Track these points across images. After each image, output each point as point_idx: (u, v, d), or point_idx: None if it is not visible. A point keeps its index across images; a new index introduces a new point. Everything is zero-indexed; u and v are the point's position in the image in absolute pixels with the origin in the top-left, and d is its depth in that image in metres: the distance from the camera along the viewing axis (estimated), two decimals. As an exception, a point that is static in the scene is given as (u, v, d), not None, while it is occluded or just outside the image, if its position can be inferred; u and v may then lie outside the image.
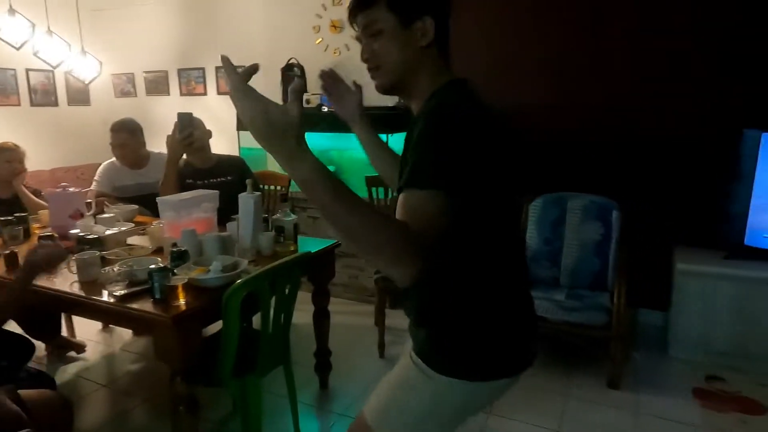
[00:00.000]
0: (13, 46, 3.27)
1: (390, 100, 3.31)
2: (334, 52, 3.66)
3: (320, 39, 3.69)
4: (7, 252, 1.91)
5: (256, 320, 2.10)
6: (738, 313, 2.51)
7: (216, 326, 1.74)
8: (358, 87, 1.32)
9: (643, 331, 2.94)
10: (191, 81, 4.44)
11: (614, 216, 2.72)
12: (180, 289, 1.55)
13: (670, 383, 2.43)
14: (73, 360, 2.70)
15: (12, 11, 3.15)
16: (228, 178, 2.62)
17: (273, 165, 3.75)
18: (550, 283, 2.80)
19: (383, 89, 1.07)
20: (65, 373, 2.57)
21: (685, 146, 2.83)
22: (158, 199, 2.08)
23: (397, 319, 2.77)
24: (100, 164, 3.04)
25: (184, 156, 2.54)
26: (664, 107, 2.85)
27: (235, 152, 3.81)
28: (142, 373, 2.62)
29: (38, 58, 3.56)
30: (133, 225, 2.40)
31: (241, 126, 3.62)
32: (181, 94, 4.52)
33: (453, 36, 1.06)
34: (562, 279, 2.80)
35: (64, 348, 2.74)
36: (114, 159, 3.01)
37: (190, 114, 2.43)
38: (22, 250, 1.94)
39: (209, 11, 4.19)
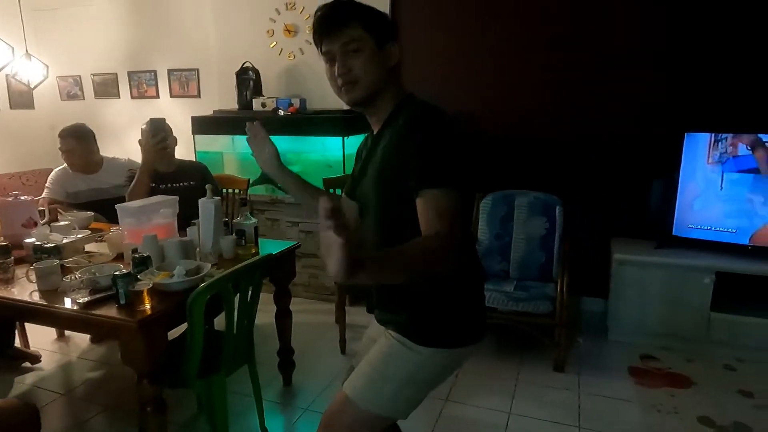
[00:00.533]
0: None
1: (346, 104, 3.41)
2: (289, 56, 3.71)
3: (274, 43, 3.73)
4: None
5: (218, 321, 2.17)
6: (668, 298, 2.76)
7: (179, 329, 1.78)
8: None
9: (586, 317, 3.17)
10: (142, 83, 4.37)
11: (558, 211, 2.92)
12: (145, 294, 1.59)
13: (609, 364, 2.65)
14: (30, 370, 2.65)
15: (-50, 14, 3.03)
16: (191, 183, 2.65)
17: (230, 168, 3.77)
18: (501, 276, 2.97)
19: (355, 102, 1.19)
20: (22, 384, 2.53)
21: (618, 147, 3.07)
22: (118, 206, 2.09)
23: (357, 316, 2.89)
24: (46, 170, 3.00)
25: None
26: (599, 112, 3.07)
27: (191, 156, 3.80)
28: (101, 380, 2.61)
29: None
30: (89, 232, 2.40)
31: (196, 130, 3.63)
32: (132, 97, 4.45)
33: (409, 52, 1.20)
34: (512, 272, 2.98)
35: (19, 359, 2.69)
36: (61, 168, 2.97)
37: (163, 119, 2.49)
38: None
39: (160, 13, 4.14)
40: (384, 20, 1.17)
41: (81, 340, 2.98)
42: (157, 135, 2.44)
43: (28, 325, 2.80)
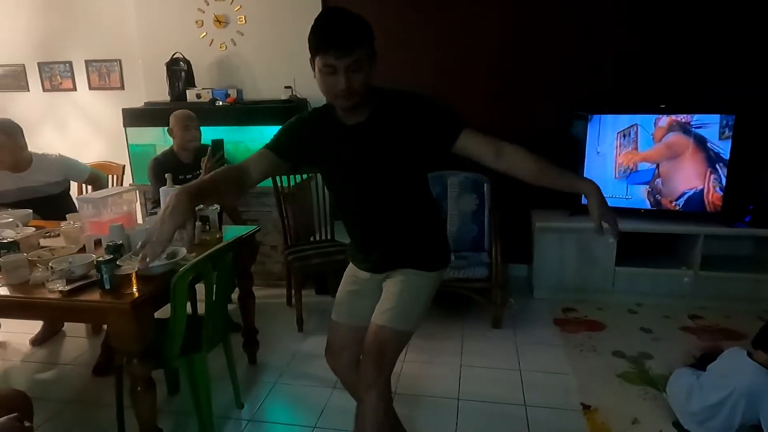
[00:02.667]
0: None
1: (284, 94, 3.52)
2: (220, 47, 3.72)
3: (204, 33, 3.71)
4: None
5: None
6: (581, 257, 3.21)
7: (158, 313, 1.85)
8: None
9: (513, 281, 3.56)
10: (56, 75, 4.13)
11: (486, 188, 3.26)
12: (133, 278, 1.66)
13: (537, 318, 3.05)
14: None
15: None
16: (198, 172, 2.77)
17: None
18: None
19: (354, 107, 1.35)
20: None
21: (534, 129, 3.47)
22: (78, 198, 2.09)
23: (307, 298, 3.05)
24: None
25: (174, 148, 2.93)
26: (520, 101, 3.46)
27: (122, 149, 3.71)
28: (53, 380, 2.55)
29: None
30: (33, 229, 2.33)
31: (128, 122, 3.54)
32: (45, 90, 4.19)
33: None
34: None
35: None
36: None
37: (222, 140, 2.74)
38: None
39: (73, 0, 3.93)
40: (373, 35, 1.33)
41: (21, 345, 2.86)
42: (216, 154, 2.67)
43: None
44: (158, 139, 3.77)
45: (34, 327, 2.92)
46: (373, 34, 1.32)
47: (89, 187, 3.18)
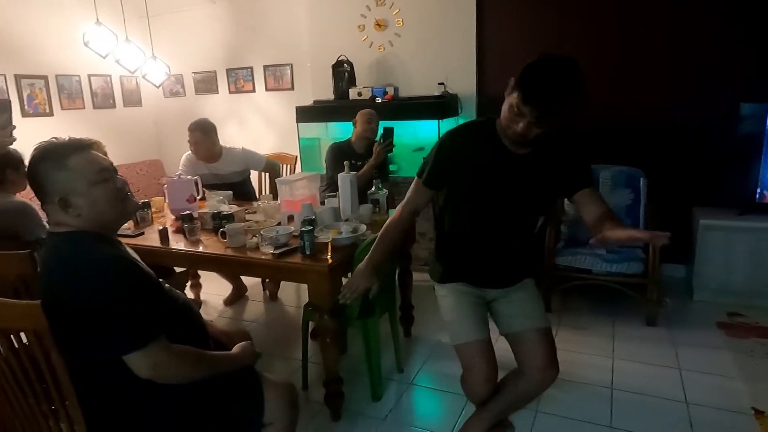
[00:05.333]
0: (100, 55, 3.63)
1: (437, 90, 3.73)
2: (379, 48, 4.05)
3: (365, 36, 4.07)
4: (161, 228, 2.33)
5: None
6: (752, 260, 2.96)
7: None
8: None
9: (667, 281, 3.38)
10: (240, 79, 4.82)
11: (642, 183, 3.16)
12: (329, 246, 1.97)
13: (697, 320, 2.89)
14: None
15: (98, 23, 3.52)
16: (368, 160, 3.17)
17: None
18: (588, 244, 3.23)
19: (524, 145, 1.49)
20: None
21: (696, 122, 3.26)
22: (277, 180, 2.49)
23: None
24: (153, 161, 3.39)
25: (353, 138, 3.30)
26: (679, 94, 3.28)
27: (291, 142, 4.22)
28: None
29: (120, 65, 3.93)
30: (236, 206, 2.81)
31: (299, 118, 4.02)
32: (230, 92, 4.90)
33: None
34: (599, 239, 3.23)
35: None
36: (190, 152, 3.38)
37: (392, 128, 3.11)
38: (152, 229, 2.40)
39: (257, 14, 4.56)
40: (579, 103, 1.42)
41: (215, 304, 3.44)
42: (386, 140, 3.11)
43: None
44: (323, 134, 4.23)
45: (225, 290, 3.49)
46: (581, 100, 1.36)
47: (266, 175, 3.70)
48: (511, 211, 1.58)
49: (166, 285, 1.45)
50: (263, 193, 3.67)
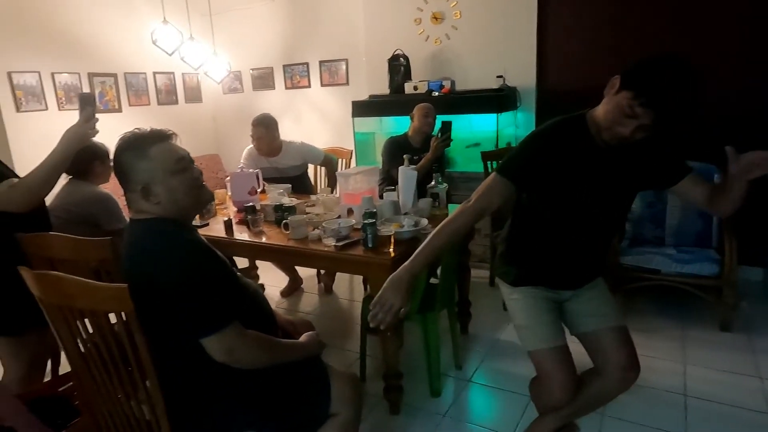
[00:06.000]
0: (166, 53, 3.78)
1: (495, 83, 3.65)
2: (435, 41, 4.01)
3: (422, 30, 4.04)
4: (226, 219, 2.40)
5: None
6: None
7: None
8: None
9: (743, 285, 3.17)
10: (296, 75, 4.89)
11: (716, 179, 2.97)
12: (392, 239, 1.96)
13: (779, 326, 2.70)
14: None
15: (165, 21, 3.65)
16: (424, 154, 3.15)
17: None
18: (654, 242, 3.08)
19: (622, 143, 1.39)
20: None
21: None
22: (338, 173, 2.51)
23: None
24: (212, 155, 3.47)
25: (409, 132, 3.28)
26: (753, 86, 3.06)
27: (345, 137, 4.25)
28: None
29: (185, 62, 4.08)
30: (295, 199, 2.85)
31: (355, 113, 4.04)
32: (286, 88, 4.99)
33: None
34: (667, 238, 3.07)
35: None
36: (251, 146, 3.46)
37: (450, 122, 3.08)
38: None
39: (313, 10, 4.61)
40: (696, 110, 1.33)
41: (272, 295, 3.51)
42: (444, 134, 3.06)
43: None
44: (377, 128, 4.23)
45: (281, 281, 3.55)
46: (697, 108, 1.27)
47: (322, 169, 3.74)
48: (601, 210, 1.51)
49: (238, 273, 1.49)
50: (320, 186, 3.71)
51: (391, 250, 1.97)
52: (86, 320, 1.27)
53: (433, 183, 2.54)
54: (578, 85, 3.58)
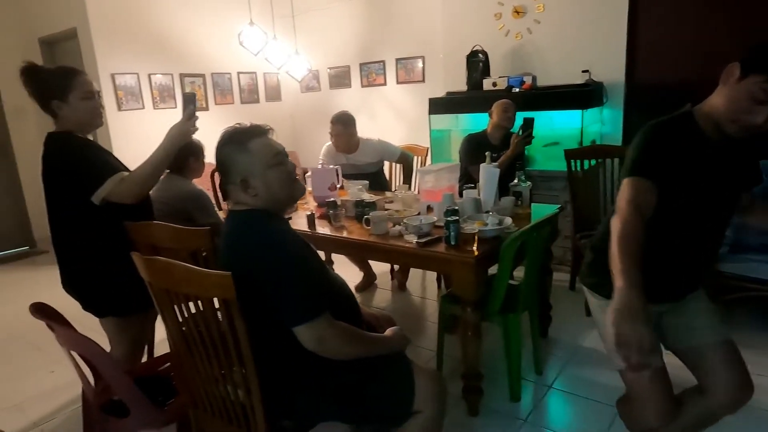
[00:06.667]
0: (252, 53, 3.95)
1: (580, 78, 3.50)
2: (516, 36, 3.90)
3: (502, 25, 3.94)
4: (308, 213, 2.47)
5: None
6: None
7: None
8: None
9: None
10: (371, 73, 4.95)
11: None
12: (475, 238, 1.93)
13: None
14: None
15: (252, 23, 3.81)
16: (504, 152, 3.09)
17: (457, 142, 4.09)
18: (759, 250, 2.82)
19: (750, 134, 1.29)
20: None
21: None
22: (418, 170, 2.50)
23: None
24: (289, 152, 3.53)
25: (488, 129, 3.20)
26: None
27: (420, 134, 4.24)
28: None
29: (268, 62, 4.25)
30: (370, 195, 2.87)
31: (432, 110, 4.02)
32: (362, 86, 5.06)
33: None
34: (775, 246, 2.80)
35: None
36: (330, 143, 3.52)
37: (533, 119, 3.01)
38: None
39: (392, 6, 4.63)
40: None
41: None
42: (525, 131, 2.98)
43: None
44: (453, 126, 4.18)
45: (355, 277, 3.60)
46: None
47: (398, 166, 3.75)
48: (714, 209, 1.40)
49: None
50: (395, 183, 3.72)
51: (474, 248, 1.93)
52: (189, 304, 1.34)
53: (516, 181, 2.47)
54: (672, 80, 3.36)
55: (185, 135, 1.79)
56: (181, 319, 1.36)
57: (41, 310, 1.43)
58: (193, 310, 1.32)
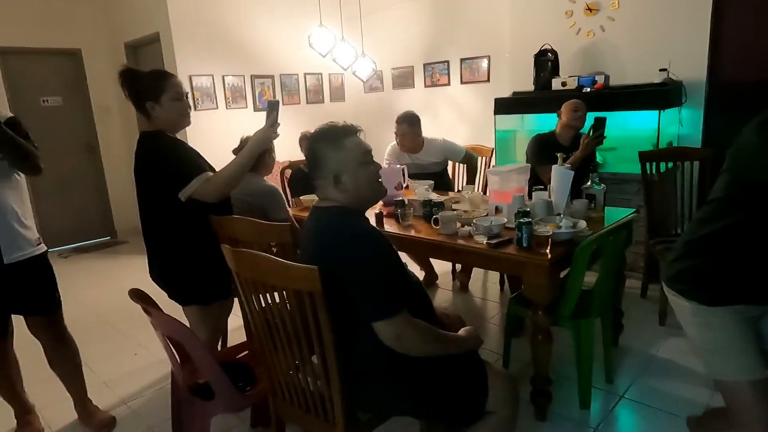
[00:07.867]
0: (321, 54, 4.06)
1: (657, 77, 3.35)
2: (587, 35, 3.79)
3: (573, 23, 3.84)
4: (377, 212, 2.51)
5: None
6: None
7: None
8: None
9: None
10: (435, 73, 4.95)
11: None
12: (548, 240, 1.90)
13: None
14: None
15: (321, 24, 3.92)
16: (573, 153, 2.99)
17: (522, 143, 4.01)
18: None
19: None
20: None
21: None
22: (488, 170, 2.49)
23: (653, 292, 2.89)
24: None
25: (557, 130, 3.10)
26: None
27: (484, 134, 4.20)
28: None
29: (336, 63, 4.35)
30: (437, 195, 2.88)
31: (497, 110, 3.97)
32: (426, 86, 5.07)
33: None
34: None
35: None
36: (395, 143, 3.55)
37: (605, 118, 2.90)
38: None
39: (456, 8, 4.62)
40: None
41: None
42: (597, 131, 2.86)
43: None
44: (519, 126, 4.12)
45: (418, 276, 3.62)
46: None
47: (462, 166, 3.73)
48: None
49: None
50: (459, 183, 3.71)
51: (547, 251, 1.90)
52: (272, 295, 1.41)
53: (589, 183, 2.41)
54: (761, 79, 3.15)
55: (268, 140, 1.89)
56: (266, 308, 1.43)
57: (139, 296, 1.55)
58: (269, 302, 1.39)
